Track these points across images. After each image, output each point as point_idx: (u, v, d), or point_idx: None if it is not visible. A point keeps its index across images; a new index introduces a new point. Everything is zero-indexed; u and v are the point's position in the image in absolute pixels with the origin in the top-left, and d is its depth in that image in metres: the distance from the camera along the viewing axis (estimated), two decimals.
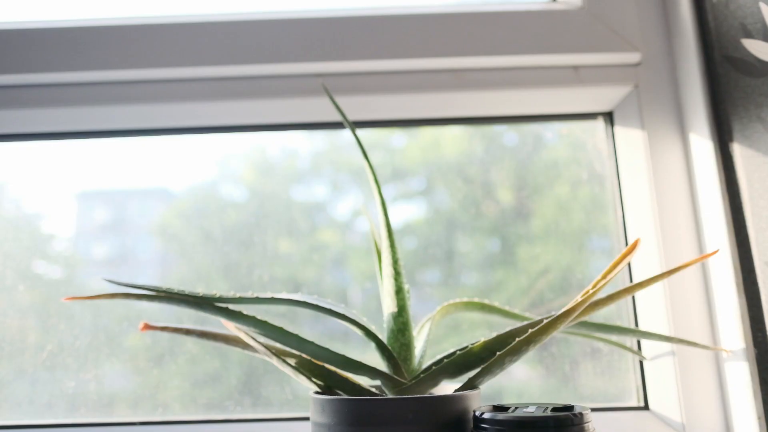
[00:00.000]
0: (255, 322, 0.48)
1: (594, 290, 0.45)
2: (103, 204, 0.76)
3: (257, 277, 0.69)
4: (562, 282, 0.70)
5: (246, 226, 0.71)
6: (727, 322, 0.58)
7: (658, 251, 0.63)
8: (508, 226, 0.72)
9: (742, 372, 0.56)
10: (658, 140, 0.65)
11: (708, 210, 0.61)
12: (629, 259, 0.47)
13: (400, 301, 0.50)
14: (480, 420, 0.41)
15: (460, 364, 0.47)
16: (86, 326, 0.68)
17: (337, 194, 0.75)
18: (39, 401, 0.65)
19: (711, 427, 0.59)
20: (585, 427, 0.39)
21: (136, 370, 0.67)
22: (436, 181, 0.74)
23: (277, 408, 0.66)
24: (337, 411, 0.43)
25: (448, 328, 0.71)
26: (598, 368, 0.67)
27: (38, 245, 0.72)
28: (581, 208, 0.72)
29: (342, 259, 0.73)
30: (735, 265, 0.58)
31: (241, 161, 0.76)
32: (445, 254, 0.71)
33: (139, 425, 0.62)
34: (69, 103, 0.67)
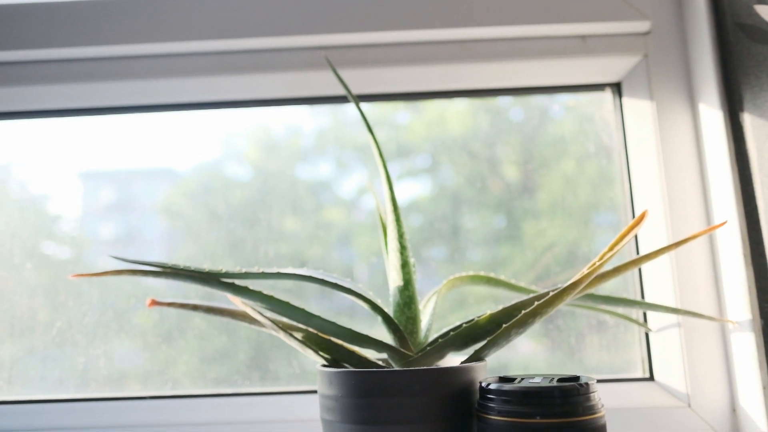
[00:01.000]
0: (261, 297, 0.48)
1: (600, 262, 0.44)
2: (109, 184, 0.76)
3: (263, 254, 0.70)
4: (568, 256, 0.70)
5: (251, 204, 0.71)
6: (733, 294, 0.58)
7: (666, 223, 0.63)
8: (513, 201, 0.71)
9: (747, 343, 0.56)
10: (667, 111, 0.64)
11: (716, 181, 0.61)
12: (636, 231, 0.46)
13: (406, 275, 0.50)
14: (486, 391, 0.41)
15: (466, 336, 0.48)
16: (94, 304, 0.68)
17: (342, 172, 0.75)
18: (50, 377, 0.66)
19: (716, 397, 0.60)
20: (591, 397, 0.39)
21: (145, 346, 0.68)
22: (441, 158, 0.73)
23: (284, 382, 0.66)
24: (345, 383, 0.43)
25: (454, 302, 0.71)
26: (603, 341, 0.67)
27: (45, 226, 0.72)
28: (588, 182, 0.71)
29: (347, 237, 0.73)
30: (743, 236, 0.57)
31: (245, 140, 0.75)
32: (450, 230, 0.71)
33: (149, 399, 0.63)
34: (69, 80, 0.66)
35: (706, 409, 0.59)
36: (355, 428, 0.42)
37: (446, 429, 0.42)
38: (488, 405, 0.40)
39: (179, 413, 0.61)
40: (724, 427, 0.59)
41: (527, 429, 0.38)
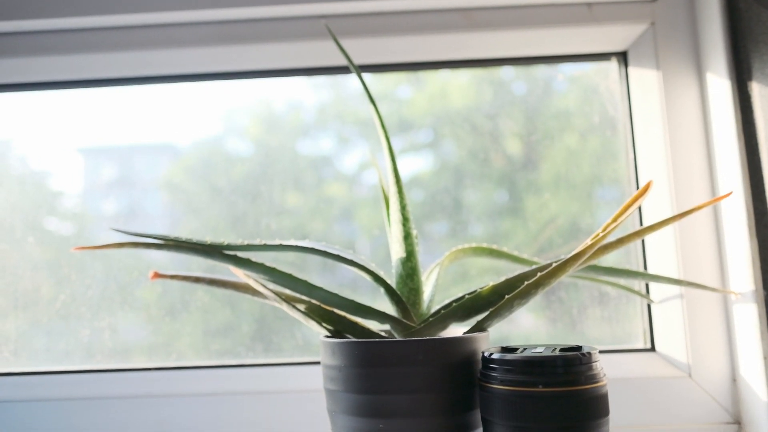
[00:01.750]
0: (264, 269, 0.48)
1: (604, 234, 0.44)
2: (110, 160, 0.76)
3: (264, 227, 0.69)
4: (570, 230, 0.69)
5: (252, 179, 0.71)
6: (737, 265, 0.58)
7: (670, 194, 0.62)
8: (516, 174, 0.71)
9: (749, 314, 0.57)
10: (674, 80, 0.63)
11: (722, 151, 0.60)
12: (640, 202, 0.46)
13: (408, 247, 0.50)
14: (489, 360, 0.41)
15: (468, 307, 0.48)
16: (98, 278, 0.68)
17: (344, 147, 0.74)
18: (55, 349, 0.67)
19: (716, 367, 0.60)
20: (593, 366, 0.39)
21: (148, 319, 0.68)
22: (443, 132, 0.73)
23: (288, 354, 0.67)
24: (348, 353, 0.44)
25: (456, 275, 0.71)
26: (605, 312, 0.67)
27: (47, 202, 0.72)
28: (592, 154, 0.70)
29: (349, 213, 0.73)
30: (748, 207, 0.57)
31: (246, 115, 0.74)
32: (452, 205, 0.70)
33: (154, 370, 0.64)
34: (67, 51, 0.65)
35: (707, 379, 0.60)
36: (358, 397, 0.43)
37: (449, 398, 0.43)
38: (491, 374, 0.40)
39: (184, 384, 0.62)
40: (724, 396, 0.60)
41: (529, 398, 0.38)
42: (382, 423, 0.42)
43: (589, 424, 0.38)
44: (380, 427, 0.42)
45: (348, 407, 0.43)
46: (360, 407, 0.43)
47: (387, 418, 0.42)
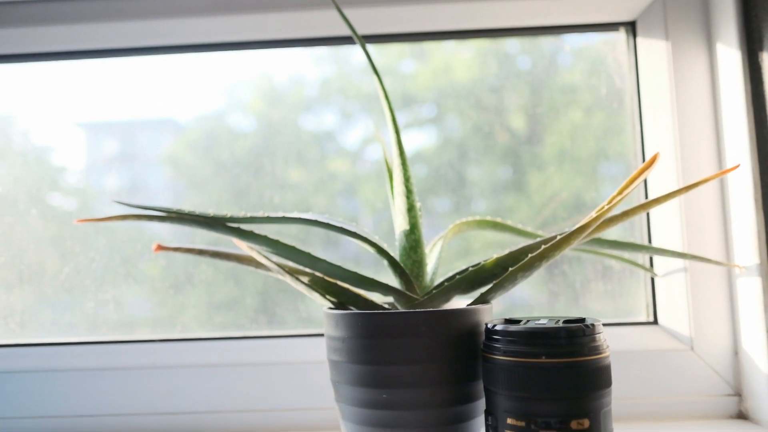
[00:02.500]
0: (267, 241, 0.48)
1: (609, 206, 0.44)
2: (112, 135, 0.75)
3: (267, 200, 0.69)
4: (575, 205, 0.69)
5: (255, 154, 0.70)
6: (742, 239, 0.58)
7: (676, 167, 0.62)
8: (521, 148, 0.70)
9: (753, 287, 0.56)
10: (683, 51, 0.62)
11: (731, 124, 0.59)
12: (646, 174, 0.46)
13: (411, 219, 0.49)
14: (492, 332, 0.41)
15: (472, 280, 0.48)
16: (101, 250, 0.68)
17: (347, 122, 0.73)
18: (61, 321, 0.68)
19: (718, 341, 0.60)
20: (596, 338, 0.39)
21: (152, 292, 0.68)
22: (447, 107, 0.72)
23: (291, 326, 0.67)
24: (352, 324, 0.44)
25: (460, 250, 0.71)
26: (609, 286, 0.67)
27: (49, 177, 0.72)
28: (598, 127, 0.69)
29: (352, 188, 0.73)
30: (755, 180, 0.56)
31: (248, 89, 0.74)
32: (455, 181, 0.70)
33: (158, 342, 0.64)
34: (66, 20, 0.64)
35: (709, 352, 0.60)
36: (361, 368, 0.43)
37: (452, 369, 0.43)
38: (494, 345, 0.40)
39: (188, 355, 0.62)
40: (725, 369, 0.60)
41: (532, 368, 0.38)
42: (385, 393, 0.42)
43: (591, 394, 0.38)
44: (383, 397, 0.42)
45: (351, 378, 0.44)
46: (363, 378, 0.43)
47: (390, 388, 0.42)
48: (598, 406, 0.38)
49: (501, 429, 0.39)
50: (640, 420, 0.59)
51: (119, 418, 0.60)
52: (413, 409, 0.42)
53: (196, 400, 0.61)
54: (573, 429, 0.37)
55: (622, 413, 0.59)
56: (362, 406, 0.43)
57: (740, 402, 0.59)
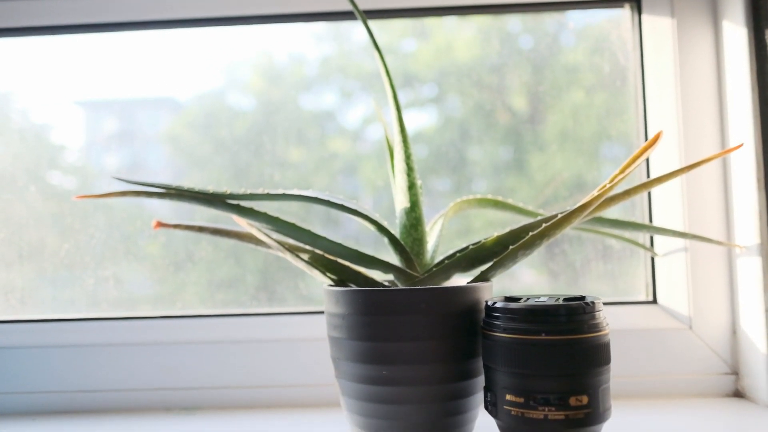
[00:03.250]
0: (267, 218, 0.48)
1: (611, 185, 0.43)
2: (112, 114, 0.75)
3: (268, 178, 0.69)
4: (576, 185, 0.69)
5: (255, 133, 0.70)
6: (743, 218, 0.58)
7: (679, 146, 0.61)
8: (522, 127, 0.70)
9: (753, 267, 0.56)
10: (689, 28, 0.61)
11: (735, 102, 0.58)
12: (649, 152, 0.45)
13: (412, 197, 0.49)
14: (492, 309, 0.41)
15: (472, 258, 0.48)
16: (101, 227, 0.68)
17: (347, 101, 0.73)
18: (61, 297, 0.68)
19: (717, 320, 0.60)
20: (596, 315, 0.39)
21: (153, 268, 0.69)
22: (448, 87, 0.71)
23: (291, 305, 0.67)
24: (352, 301, 0.44)
25: (460, 229, 0.71)
26: (609, 266, 0.67)
27: (49, 155, 0.71)
28: (601, 106, 0.69)
29: (352, 168, 0.72)
30: (758, 159, 0.56)
31: (248, 68, 0.73)
32: (456, 161, 0.69)
33: (159, 318, 0.64)
34: None
35: (707, 331, 0.60)
36: (361, 344, 0.43)
37: (451, 346, 0.43)
38: (494, 323, 0.40)
39: (188, 332, 0.63)
40: (723, 348, 0.60)
41: (532, 345, 0.38)
42: (385, 369, 0.42)
43: (590, 371, 0.38)
44: (383, 373, 0.43)
45: (351, 354, 0.44)
46: (363, 354, 0.43)
47: (390, 365, 0.42)
48: (596, 383, 0.38)
49: (500, 405, 0.40)
50: (637, 398, 0.60)
51: (120, 394, 0.61)
52: (413, 386, 0.42)
53: (196, 376, 0.61)
54: (571, 405, 0.38)
55: (620, 391, 0.60)
56: (362, 382, 0.43)
57: (737, 380, 0.60)
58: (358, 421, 0.45)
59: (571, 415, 0.38)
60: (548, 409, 0.38)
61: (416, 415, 0.43)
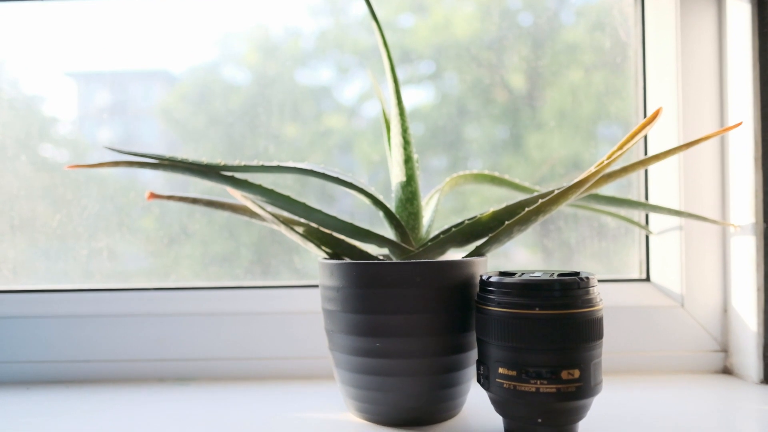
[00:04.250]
0: (261, 190, 0.47)
1: (609, 161, 0.43)
2: (104, 86, 0.73)
3: (263, 150, 0.68)
4: (573, 165, 0.68)
5: (250, 108, 0.69)
6: (739, 198, 0.58)
7: (678, 124, 0.61)
8: (519, 110, 0.69)
9: (747, 246, 0.57)
10: (691, 3, 0.60)
11: (735, 80, 0.58)
12: (648, 129, 0.45)
13: (408, 171, 0.49)
14: (486, 283, 0.41)
15: (468, 233, 0.47)
16: (94, 198, 0.68)
17: (343, 77, 0.72)
18: (54, 269, 0.67)
19: (708, 298, 0.61)
20: (590, 291, 0.40)
21: (147, 241, 0.68)
22: (446, 64, 0.70)
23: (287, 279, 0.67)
24: (346, 274, 0.44)
25: (456, 207, 0.71)
26: (603, 243, 0.68)
27: (40, 126, 0.70)
28: (600, 83, 0.68)
29: (348, 145, 0.72)
30: (756, 138, 0.56)
31: (243, 41, 0.71)
32: (452, 140, 0.69)
33: (153, 290, 0.64)
34: None
35: (698, 309, 0.61)
36: (356, 317, 0.43)
37: (445, 319, 0.43)
38: (488, 297, 0.41)
39: (182, 304, 0.63)
40: (713, 326, 0.61)
41: (526, 320, 0.38)
42: (378, 342, 0.43)
43: (583, 346, 0.38)
44: (377, 346, 0.43)
45: (345, 327, 0.44)
46: (357, 326, 0.43)
47: (384, 337, 0.42)
48: (588, 358, 0.39)
49: (492, 378, 0.40)
50: (628, 373, 0.60)
51: (113, 365, 0.61)
52: (406, 358, 0.43)
53: (190, 348, 0.61)
54: (563, 379, 0.38)
55: (611, 366, 0.60)
56: (355, 354, 0.44)
57: (726, 358, 0.60)
58: (352, 392, 0.45)
59: (563, 389, 0.38)
60: (540, 382, 0.38)
61: (409, 387, 0.43)
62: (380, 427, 0.44)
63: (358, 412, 0.46)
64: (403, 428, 0.44)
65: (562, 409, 0.39)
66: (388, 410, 0.44)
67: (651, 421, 0.46)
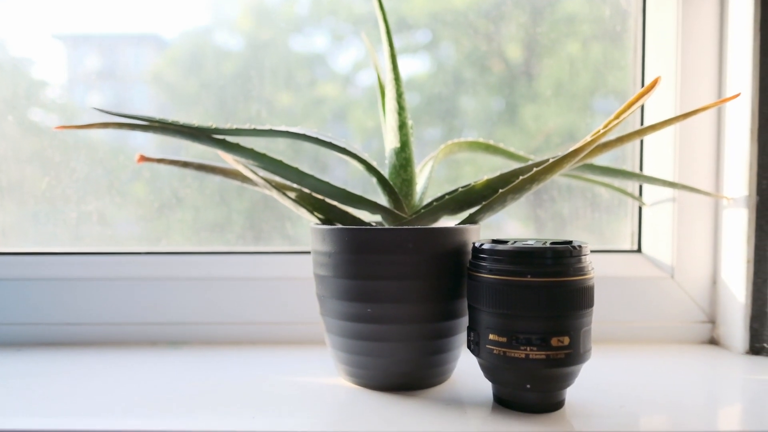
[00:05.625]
0: (253, 154, 0.47)
1: (605, 130, 0.43)
2: (93, 50, 0.71)
3: (255, 114, 0.67)
4: (569, 137, 0.68)
5: (243, 75, 0.67)
6: (733, 169, 0.58)
7: (675, 95, 0.60)
8: (515, 82, 0.68)
9: (739, 219, 0.57)
10: None
11: (735, 51, 0.57)
12: (645, 98, 0.44)
13: (403, 137, 0.48)
14: (479, 250, 0.41)
15: (461, 200, 0.47)
16: (85, 164, 0.67)
17: (338, 45, 0.70)
18: (44, 231, 0.67)
19: (699, 270, 0.61)
20: (582, 259, 0.40)
21: (138, 204, 0.68)
22: (442, 33, 0.68)
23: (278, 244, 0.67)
24: (339, 239, 0.43)
25: (450, 178, 0.70)
26: (596, 215, 0.68)
27: (27, 90, 0.69)
28: (599, 53, 0.67)
29: (342, 114, 0.71)
30: (753, 110, 0.55)
31: (236, 6, 0.69)
32: (447, 111, 0.68)
33: (145, 254, 0.64)
34: None
35: (688, 281, 0.61)
36: (348, 283, 0.43)
37: (437, 286, 0.43)
38: (480, 264, 0.40)
39: (173, 268, 0.62)
40: (702, 297, 0.61)
41: (517, 287, 0.38)
42: (370, 307, 0.43)
43: (573, 313, 0.39)
44: (368, 311, 0.43)
45: (337, 292, 0.44)
46: (349, 292, 0.43)
47: (375, 303, 0.43)
48: (578, 325, 0.39)
49: (483, 344, 0.40)
50: (616, 342, 0.61)
51: (105, 328, 0.61)
52: (397, 324, 0.43)
53: (180, 312, 0.61)
54: (553, 346, 0.38)
55: (600, 335, 0.61)
56: (347, 319, 0.44)
57: (713, 329, 0.61)
58: (342, 357, 0.46)
59: (552, 355, 0.38)
60: (530, 348, 0.38)
61: (400, 352, 0.43)
62: (371, 392, 0.45)
63: (348, 377, 0.47)
64: (393, 393, 0.45)
65: (550, 376, 0.39)
66: (378, 375, 0.44)
67: (637, 389, 0.46)
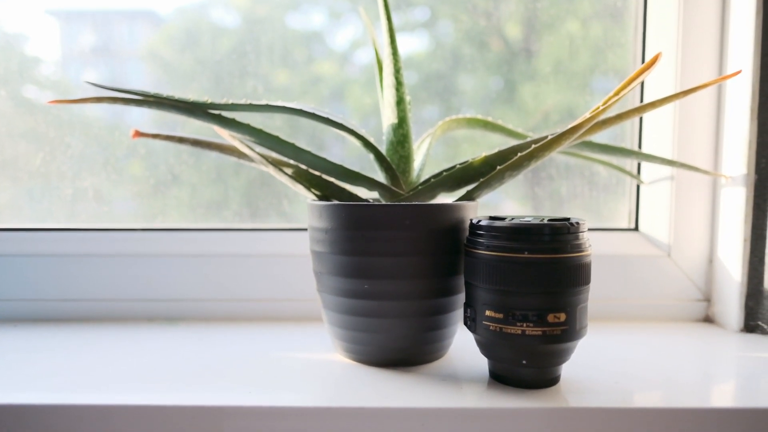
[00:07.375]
0: (250, 129, 0.46)
1: (604, 107, 0.42)
2: (87, 27, 0.70)
3: (251, 90, 0.66)
4: (569, 116, 0.67)
5: (238, 49, 0.66)
6: (732, 148, 0.57)
7: (675, 72, 0.60)
8: (514, 60, 0.67)
9: (737, 197, 0.57)
10: None
11: (737, 28, 0.57)
12: (646, 75, 0.44)
13: (400, 113, 0.48)
14: (476, 227, 0.41)
15: (459, 177, 0.47)
16: (79, 141, 0.66)
17: (336, 23, 0.69)
18: (39, 207, 0.66)
19: (695, 248, 0.61)
20: (580, 236, 0.39)
21: (133, 181, 0.67)
22: (441, 11, 0.67)
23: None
24: (336, 215, 0.43)
25: (447, 157, 0.70)
26: (594, 194, 0.67)
27: (20, 65, 0.67)
28: (600, 32, 0.66)
29: (340, 92, 0.70)
30: (754, 88, 0.55)
31: None
32: (445, 90, 0.67)
33: (141, 231, 0.64)
34: None
35: (685, 259, 0.62)
36: (345, 259, 0.43)
37: (434, 262, 0.43)
38: (477, 240, 0.40)
39: (170, 245, 0.62)
40: (698, 275, 0.62)
41: (514, 263, 0.38)
42: (367, 284, 0.43)
43: (570, 290, 0.39)
44: (365, 288, 0.43)
45: (334, 268, 0.44)
46: (346, 268, 0.43)
47: (372, 279, 0.43)
48: (575, 302, 0.39)
49: (479, 320, 0.40)
50: (612, 320, 0.61)
51: (102, 304, 0.61)
52: (394, 300, 0.43)
53: (177, 288, 0.61)
54: (549, 322, 0.38)
55: (597, 313, 0.61)
56: (344, 295, 0.44)
57: (708, 307, 0.62)
58: (339, 333, 0.46)
59: (548, 332, 0.38)
60: (526, 324, 0.38)
61: (397, 328, 0.44)
62: (367, 367, 0.45)
63: (345, 353, 0.47)
64: (390, 369, 0.45)
65: (546, 352, 0.39)
66: (375, 351, 0.45)
67: (632, 366, 0.47)
